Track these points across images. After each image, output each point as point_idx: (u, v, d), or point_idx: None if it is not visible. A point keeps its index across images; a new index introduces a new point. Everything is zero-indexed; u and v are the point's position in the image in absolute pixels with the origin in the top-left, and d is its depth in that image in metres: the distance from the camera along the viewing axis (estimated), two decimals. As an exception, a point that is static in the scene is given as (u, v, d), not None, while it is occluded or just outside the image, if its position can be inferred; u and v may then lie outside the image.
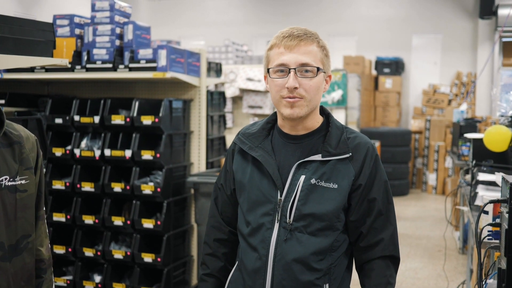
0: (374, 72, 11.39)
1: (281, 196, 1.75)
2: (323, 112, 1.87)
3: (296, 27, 1.76)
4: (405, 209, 8.67)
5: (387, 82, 11.15)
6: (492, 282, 2.15)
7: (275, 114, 1.90)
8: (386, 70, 11.33)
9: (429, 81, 11.58)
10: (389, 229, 1.80)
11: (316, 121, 1.81)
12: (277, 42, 1.75)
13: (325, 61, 1.77)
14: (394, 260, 1.81)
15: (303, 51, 1.72)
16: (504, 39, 10.84)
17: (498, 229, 2.13)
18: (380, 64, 11.40)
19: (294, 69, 1.71)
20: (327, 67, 1.79)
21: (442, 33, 11.62)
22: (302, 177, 1.73)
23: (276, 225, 1.74)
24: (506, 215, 1.87)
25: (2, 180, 1.74)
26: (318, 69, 1.72)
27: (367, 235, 1.78)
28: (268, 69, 1.77)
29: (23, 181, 1.79)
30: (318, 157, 1.74)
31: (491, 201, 2.09)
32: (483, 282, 2.14)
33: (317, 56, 1.74)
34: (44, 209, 1.96)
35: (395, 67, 11.33)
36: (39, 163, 1.89)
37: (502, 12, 10.06)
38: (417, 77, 11.85)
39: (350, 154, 1.75)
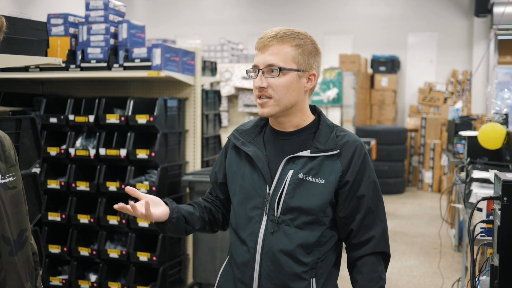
0: (370, 71, 11.40)
1: (269, 190, 1.79)
2: (315, 111, 1.91)
3: (273, 29, 1.81)
4: (401, 207, 8.68)
5: (383, 81, 11.16)
6: (485, 278, 2.16)
7: None
8: (382, 68, 11.35)
9: (425, 79, 11.60)
10: (379, 226, 1.82)
11: (303, 119, 1.85)
12: (256, 44, 1.83)
13: (301, 60, 1.79)
14: (385, 257, 1.84)
15: (270, 52, 1.78)
16: (500, 37, 10.87)
17: (491, 226, 2.14)
18: (376, 63, 11.42)
19: (261, 69, 1.78)
20: (304, 65, 1.80)
21: (437, 31, 11.64)
22: (290, 172, 1.78)
23: (264, 218, 1.79)
24: (499, 212, 1.88)
25: None
26: (280, 69, 1.76)
27: (358, 232, 1.81)
28: (246, 70, 1.86)
29: (11, 178, 1.81)
30: (306, 152, 1.79)
31: (483, 198, 2.09)
32: (476, 279, 2.14)
33: (287, 56, 1.77)
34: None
35: (391, 65, 11.35)
36: (17, 160, 1.91)
37: (497, 10, 10.08)
38: (413, 75, 11.87)
39: (338, 150, 1.79)
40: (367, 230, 1.80)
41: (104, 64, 4.05)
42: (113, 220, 4.06)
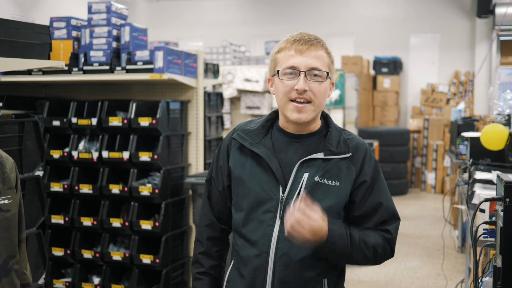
0: (372, 72, 11.40)
1: (283, 193, 1.76)
2: (321, 114, 1.91)
3: (305, 32, 1.79)
4: (404, 208, 8.67)
5: (385, 82, 11.16)
6: (488, 280, 2.15)
7: (274, 112, 1.92)
8: (384, 69, 11.34)
9: (427, 80, 11.59)
10: (395, 223, 1.88)
11: (318, 123, 1.87)
12: (287, 46, 1.77)
13: (332, 68, 1.81)
14: (388, 237, 1.85)
15: (313, 55, 1.75)
16: (502, 38, 10.85)
17: (494, 227, 2.14)
18: (378, 64, 11.41)
19: (305, 72, 1.74)
20: (332, 73, 1.82)
21: (440, 32, 11.63)
22: (306, 175, 1.76)
23: (277, 222, 1.76)
24: (501, 213, 1.88)
25: None
26: (327, 73, 1.76)
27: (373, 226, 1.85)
28: (277, 71, 1.78)
29: (6, 201, 1.76)
30: (320, 155, 1.78)
31: (486, 200, 2.09)
32: (479, 280, 2.14)
33: (325, 62, 1.77)
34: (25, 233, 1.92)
35: (393, 66, 11.34)
36: (18, 184, 1.86)
37: (499, 10, 10.07)
38: (415, 76, 11.86)
39: (351, 153, 1.81)
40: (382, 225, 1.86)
41: (107, 67, 4.06)
42: (116, 223, 4.06)
